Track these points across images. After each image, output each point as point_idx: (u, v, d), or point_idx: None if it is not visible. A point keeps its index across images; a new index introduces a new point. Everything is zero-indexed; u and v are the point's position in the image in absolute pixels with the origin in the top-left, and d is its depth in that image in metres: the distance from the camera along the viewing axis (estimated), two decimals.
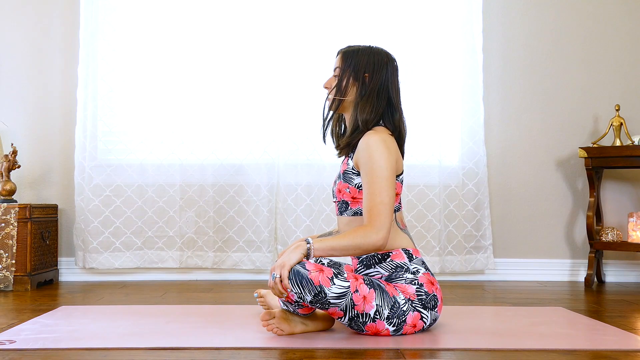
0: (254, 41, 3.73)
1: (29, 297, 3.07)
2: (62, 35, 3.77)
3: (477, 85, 3.73)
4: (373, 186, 2.10)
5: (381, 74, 2.23)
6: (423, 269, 2.18)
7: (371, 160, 2.12)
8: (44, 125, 3.76)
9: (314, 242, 2.05)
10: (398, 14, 3.75)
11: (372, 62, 2.24)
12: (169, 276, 3.74)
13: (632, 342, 2.12)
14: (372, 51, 2.27)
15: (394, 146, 2.18)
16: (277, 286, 2.01)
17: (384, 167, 2.10)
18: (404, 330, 2.12)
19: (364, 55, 2.26)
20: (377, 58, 2.25)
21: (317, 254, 2.06)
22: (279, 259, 2.05)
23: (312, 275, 2.00)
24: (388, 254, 2.18)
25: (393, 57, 2.30)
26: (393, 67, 2.28)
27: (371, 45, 2.31)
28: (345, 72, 2.26)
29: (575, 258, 3.82)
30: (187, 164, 3.70)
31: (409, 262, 2.18)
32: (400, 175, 2.24)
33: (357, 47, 2.30)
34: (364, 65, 2.24)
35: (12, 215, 3.33)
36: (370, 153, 2.12)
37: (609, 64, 3.87)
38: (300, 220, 3.67)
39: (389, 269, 2.18)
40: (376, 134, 2.16)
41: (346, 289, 2.02)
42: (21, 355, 1.91)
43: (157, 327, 2.30)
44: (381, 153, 2.11)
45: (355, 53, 2.27)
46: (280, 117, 3.71)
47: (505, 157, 3.85)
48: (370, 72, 2.23)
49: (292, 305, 2.12)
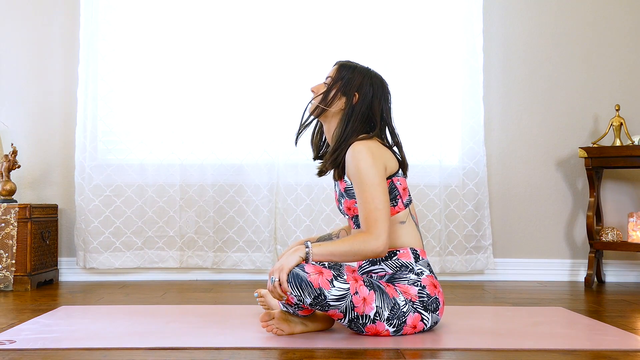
0: (253, 41, 3.73)
1: (29, 297, 3.07)
2: (62, 35, 3.77)
3: (477, 85, 3.73)
4: (364, 194, 2.11)
5: (372, 98, 2.23)
6: (427, 272, 2.18)
7: (358, 170, 2.12)
8: (44, 125, 3.76)
9: (312, 247, 2.05)
10: (398, 15, 3.75)
11: (366, 85, 2.23)
12: (169, 276, 3.74)
13: (632, 342, 2.12)
14: (369, 74, 2.27)
15: (379, 150, 2.18)
16: (276, 290, 2.01)
17: (372, 174, 2.11)
18: (404, 331, 2.12)
19: (359, 75, 2.25)
20: (373, 82, 2.25)
21: (316, 259, 2.05)
22: (278, 263, 2.05)
23: (312, 278, 1.99)
24: (395, 252, 2.18)
25: (386, 83, 2.30)
26: (387, 92, 2.28)
27: (369, 68, 2.30)
28: (337, 83, 2.25)
29: (575, 258, 3.82)
30: (187, 164, 3.70)
31: (414, 262, 2.17)
32: (397, 172, 2.23)
33: (356, 64, 2.29)
34: (357, 84, 2.23)
35: (12, 215, 3.33)
36: (356, 163, 2.12)
37: (609, 64, 3.87)
38: (300, 220, 3.67)
39: (394, 267, 2.17)
40: (358, 144, 2.16)
41: (346, 291, 2.02)
42: (21, 355, 1.91)
43: (157, 327, 2.30)
44: (366, 161, 2.11)
45: (352, 69, 2.26)
46: (280, 117, 3.71)
47: (506, 157, 3.85)
48: (360, 94, 2.23)
49: (292, 308, 2.12)
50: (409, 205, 2.24)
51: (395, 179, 2.21)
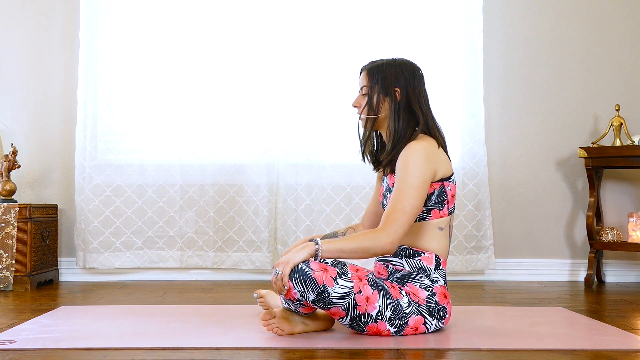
0: (253, 41, 3.73)
1: (29, 297, 3.07)
2: (62, 35, 3.77)
3: (477, 85, 3.73)
4: (399, 192, 2.09)
5: (411, 85, 2.20)
6: (442, 281, 2.18)
7: (405, 166, 2.10)
8: (44, 125, 3.76)
9: (322, 243, 2.04)
10: (398, 15, 3.75)
11: (400, 75, 2.20)
12: (169, 276, 3.74)
13: (632, 342, 2.12)
14: (397, 63, 2.23)
15: (435, 153, 2.15)
16: (278, 282, 2.02)
17: (416, 175, 2.08)
18: (404, 332, 2.12)
19: (390, 69, 2.21)
20: (404, 69, 2.21)
21: (325, 255, 2.05)
22: (285, 256, 2.06)
23: (316, 275, 2.00)
24: (420, 253, 2.17)
25: (417, 65, 2.26)
26: (420, 76, 2.24)
27: (394, 58, 2.26)
28: (374, 89, 2.21)
29: (575, 258, 3.82)
30: (187, 164, 3.70)
31: (433, 269, 2.17)
32: (450, 176, 2.19)
33: (381, 61, 2.25)
34: (392, 79, 2.20)
35: (12, 215, 3.33)
36: (406, 160, 2.11)
37: (609, 64, 3.87)
38: (300, 220, 3.67)
39: (413, 266, 2.16)
40: (417, 143, 2.14)
41: (349, 290, 2.02)
42: (21, 355, 1.91)
43: (157, 327, 2.30)
44: (416, 161, 2.09)
45: (381, 68, 2.22)
46: (280, 117, 3.71)
47: (506, 157, 3.85)
48: (400, 86, 2.19)
49: (294, 304, 2.11)
50: (451, 214, 2.22)
51: (446, 183, 2.18)
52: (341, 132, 3.68)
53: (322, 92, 3.72)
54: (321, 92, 3.72)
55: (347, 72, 3.68)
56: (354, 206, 3.67)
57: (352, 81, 3.70)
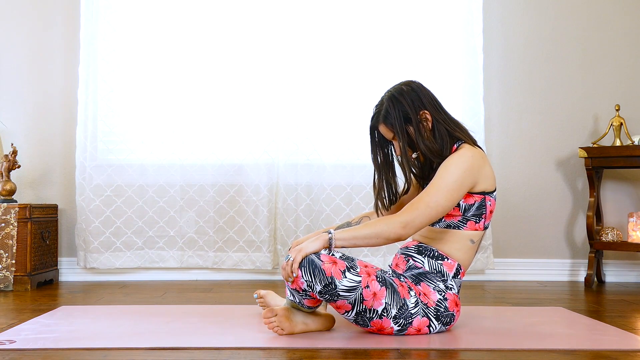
0: (253, 41, 3.73)
1: (29, 297, 3.07)
2: (62, 36, 3.77)
3: (477, 85, 3.73)
4: (431, 187, 2.09)
5: (420, 105, 2.19)
6: (456, 290, 2.18)
7: (447, 165, 2.11)
8: (44, 125, 3.77)
9: (335, 233, 2.05)
10: (398, 15, 3.75)
11: (408, 104, 2.18)
12: (169, 276, 3.74)
13: (632, 342, 2.12)
14: (397, 94, 2.20)
15: (481, 166, 2.14)
16: (288, 267, 2.03)
17: (453, 178, 2.08)
18: (407, 332, 2.12)
19: (396, 104, 2.18)
20: (406, 96, 2.19)
21: (339, 244, 2.05)
22: (298, 245, 2.06)
23: (325, 266, 2.01)
24: (444, 257, 2.17)
25: (412, 81, 2.26)
26: (422, 90, 2.23)
27: (389, 90, 2.24)
28: (400, 132, 2.17)
29: (575, 258, 3.82)
30: (188, 164, 3.70)
31: (452, 276, 2.17)
32: (493, 192, 2.18)
33: (382, 103, 2.22)
34: (405, 112, 2.17)
35: (12, 215, 3.33)
36: (451, 162, 2.11)
37: (609, 64, 3.87)
38: (300, 220, 3.67)
39: (432, 267, 2.16)
40: (469, 149, 2.15)
41: (357, 284, 2.03)
42: (21, 355, 1.91)
43: (157, 327, 2.30)
44: (458, 166, 2.10)
45: (388, 111, 2.19)
46: (280, 117, 3.71)
47: (506, 157, 3.85)
48: (413, 112, 2.17)
49: (299, 295, 2.11)
50: (485, 230, 2.22)
51: (488, 197, 2.17)
52: (341, 132, 3.69)
53: (322, 93, 3.72)
54: (321, 93, 3.72)
55: (347, 73, 3.68)
56: (354, 206, 3.67)
57: (352, 81, 3.70)
